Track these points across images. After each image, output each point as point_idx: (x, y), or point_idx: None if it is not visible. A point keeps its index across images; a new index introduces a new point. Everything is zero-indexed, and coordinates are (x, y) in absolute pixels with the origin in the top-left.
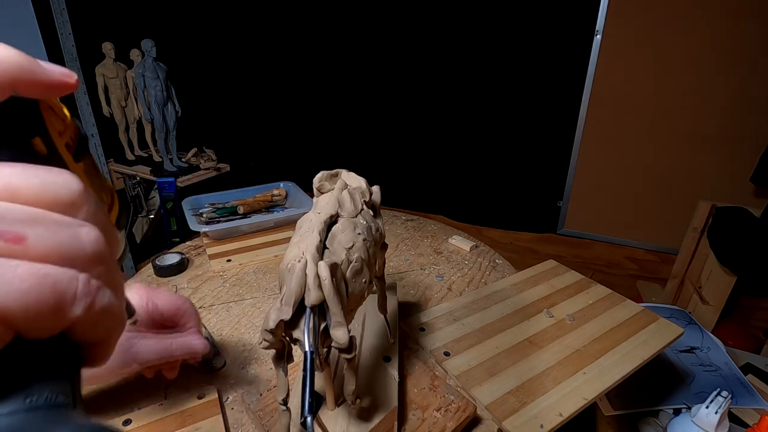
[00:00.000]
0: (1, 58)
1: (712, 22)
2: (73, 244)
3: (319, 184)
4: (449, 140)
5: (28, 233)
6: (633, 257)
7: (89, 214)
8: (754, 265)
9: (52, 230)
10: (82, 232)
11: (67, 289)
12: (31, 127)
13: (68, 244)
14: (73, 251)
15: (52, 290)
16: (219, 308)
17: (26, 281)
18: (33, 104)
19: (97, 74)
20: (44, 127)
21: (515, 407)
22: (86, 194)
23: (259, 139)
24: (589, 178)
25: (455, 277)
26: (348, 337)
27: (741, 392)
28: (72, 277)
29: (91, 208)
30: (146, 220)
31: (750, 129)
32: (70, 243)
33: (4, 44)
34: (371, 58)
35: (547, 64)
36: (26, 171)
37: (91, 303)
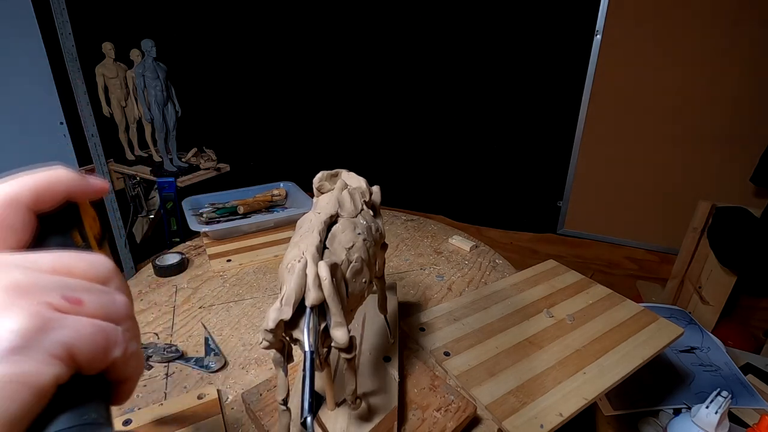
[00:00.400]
0: (63, 176)
1: (712, 22)
2: (112, 306)
3: (319, 184)
4: (449, 140)
5: (84, 298)
6: (633, 257)
7: (119, 284)
8: (754, 265)
9: (98, 296)
10: (117, 298)
11: (112, 337)
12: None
13: (109, 306)
14: (113, 311)
15: (104, 338)
16: (219, 308)
17: (89, 331)
18: (75, 207)
19: (97, 74)
20: (81, 223)
21: (515, 407)
22: (116, 271)
23: (259, 139)
24: (589, 178)
25: (455, 277)
26: (348, 337)
27: (741, 392)
28: (114, 329)
29: (119, 281)
30: (146, 220)
31: (750, 129)
32: (110, 305)
33: (62, 166)
34: (371, 59)
35: (547, 64)
36: (78, 255)
37: (125, 347)
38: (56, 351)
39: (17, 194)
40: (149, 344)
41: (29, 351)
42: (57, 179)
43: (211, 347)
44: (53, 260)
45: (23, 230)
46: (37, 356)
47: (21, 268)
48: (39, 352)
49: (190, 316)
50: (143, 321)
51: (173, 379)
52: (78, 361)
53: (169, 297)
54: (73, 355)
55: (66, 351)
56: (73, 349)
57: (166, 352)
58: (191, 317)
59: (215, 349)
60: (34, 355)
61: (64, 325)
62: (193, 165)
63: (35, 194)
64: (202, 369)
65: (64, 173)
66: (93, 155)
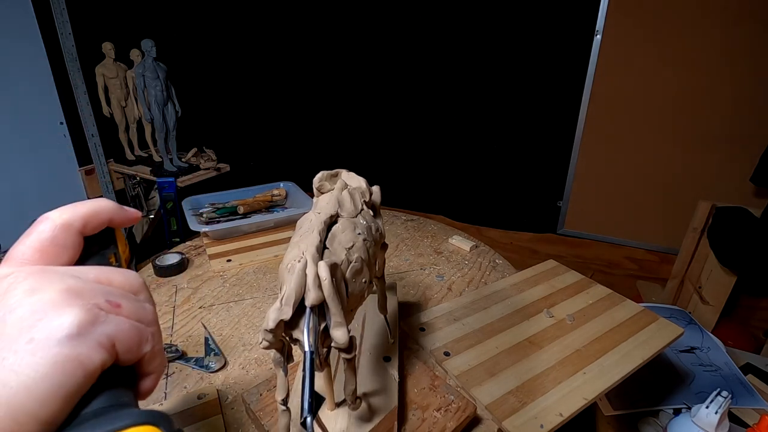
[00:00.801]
0: (106, 206)
1: (712, 22)
2: (142, 311)
3: (319, 184)
4: (449, 140)
5: (122, 302)
6: (633, 257)
7: (147, 295)
8: (754, 265)
9: (133, 303)
10: (147, 305)
11: (144, 335)
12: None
13: (141, 311)
14: (143, 315)
15: (138, 334)
16: (219, 308)
17: (127, 327)
18: (111, 232)
19: (97, 74)
20: (116, 246)
21: (515, 407)
22: (145, 285)
23: (259, 139)
24: (589, 178)
25: (455, 277)
26: (348, 337)
27: (741, 392)
28: (145, 329)
29: (147, 293)
30: (146, 220)
31: (750, 129)
32: (141, 311)
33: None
34: (371, 59)
35: (547, 64)
36: (116, 270)
37: (153, 345)
38: (103, 340)
39: (71, 220)
40: None
41: (83, 338)
42: (102, 208)
43: (211, 347)
44: (97, 273)
45: (73, 249)
46: (89, 343)
47: (74, 277)
48: (90, 339)
49: (190, 316)
50: None
51: (173, 379)
52: (118, 351)
53: (169, 297)
54: (115, 346)
55: (110, 341)
56: (115, 340)
57: (166, 352)
58: (191, 317)
59: (215, 349)
60: (86, 342)
61: (108, 321)
62: (193, 165)
63: (84, 220)
64: (202, 369)
65: (106, 203)
66: (93, 155)
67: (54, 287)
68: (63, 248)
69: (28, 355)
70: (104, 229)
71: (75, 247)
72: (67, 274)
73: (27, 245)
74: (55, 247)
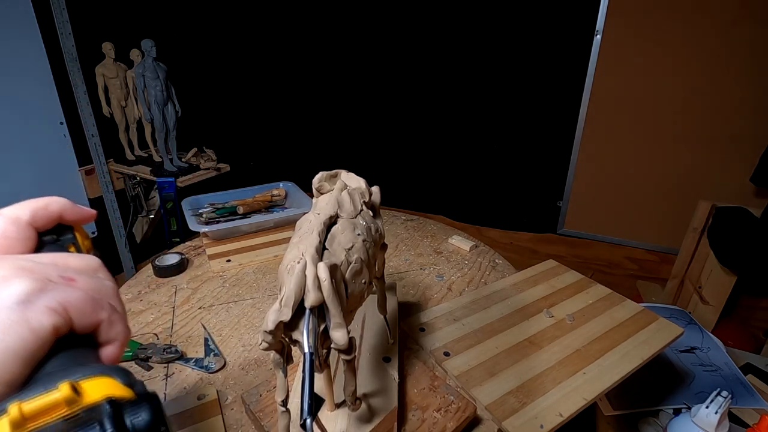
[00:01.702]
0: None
1: (711, 22)
2: (100, 286)
3: (319, 185)
4: (449, 140)
5: (77, 278)
6: (633, 257)
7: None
8: (754, 265)
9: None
10: (106, 282)
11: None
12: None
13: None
14: (101, 289)
15: (92, 302)
16: (219, 308)
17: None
18: (70, 228)
19: (97, 74)
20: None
21: (515, 407)
22: (103, 266)
23: (259, 139)
24: (589, 178)
25: (455, 277)
26: (347, 338)
27: (741, 392)
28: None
29: (107, 272)
30: (146, 220)
31: (750, 129)
32: (99, 285)
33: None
34: (371, 59)
35: (547, 64)
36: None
37: (110, 313)
38: (53, 305)
39: (19, 213)
40: (149, 345)
41: (31, 304)
42: (50, 202)
43: (211, 348)
44: (52, 257)
45: (26, 241)
46: (38, 308)
47: (26, 260)
48: (39, 305)
49: (190, 317)
50: (143, 321)
51: (173, 379)
52: (72, 317)
53: (169, 297)
54: (67, 310)
55: (60, 306)
56: (66, 305)
57: (165, 352)
58: (191, 318)
59: (215, 350)
60: (35, 306)
61: (59, 289)
62: (193, 165)
63: (33, 213)
64: (202, 370)
65: (57, 199)
66: (93, 155)
67: (5, 266)
68: (15, 240)
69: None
70: (63, 225)
71: (27, 239)
72: (20, 257)
73: None
74: (6, 239)
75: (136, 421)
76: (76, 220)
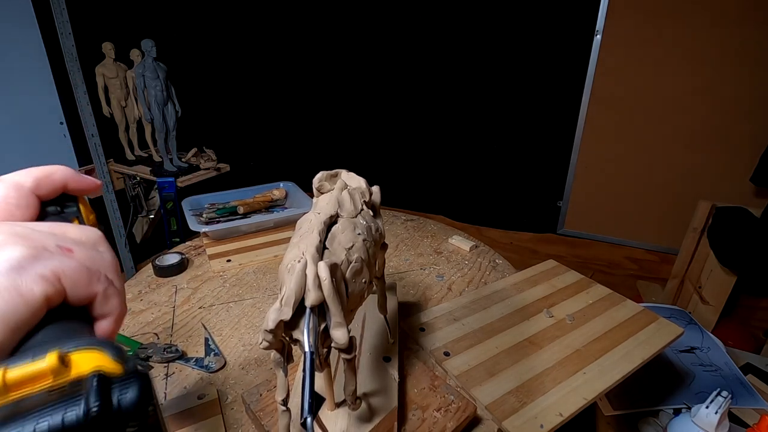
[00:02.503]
0: (59, 169)
1: (712, 22)
2: (98, 257)
3: (319, 185)
4: (449, 140)
5: (74, 248)
6: (633, 257)
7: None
8: (754, 265)
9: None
10: (104, 252)
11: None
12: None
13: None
14: (99, 261)
15: (88, 272)
16: (219, 308)
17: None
18: (74, 199)
19: (97, 74)
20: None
21: (515, 407)
22: (103, 238)
23: (259, 139)
24: (589, 178)
25: (455, 277)
26: (348, 337)
27: (741, 392)
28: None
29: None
30: (146, 220)
31: (750, 129)
32: (97, 257)
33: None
34: (371, 59)
35: (547, 64)
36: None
37: (107, 285)
38: (45, 274)
39: (22, 180)
40: (149, 344)
41: (24, 271)
42: (54, 170)
43: (211, 347)
44: (51, 226)
45: (27, 208)
46: (30, 275)
47: (22, 226)
48: (32, 272)
49: (190, 317)
50: (143, 321)
51: (173, 379)
52: (65, 287)
53: (169, 297)
54: (60, 279)
55: (54, 275)
56: (60, 274)
57: (166, 352)
58: (191, 317)
59: (215, 350)
60: (28, 274)
61: (54, 258)
62: (193, 165)
63: (36, 180)
64: (202, 369)
65: (61, 167)
66: (93, 155)
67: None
68: (15, 207)
69: None
70: (67, 195)
71: (29, 207)
72: (17, 224)
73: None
74: (7, 205)
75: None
76: (81, 190)
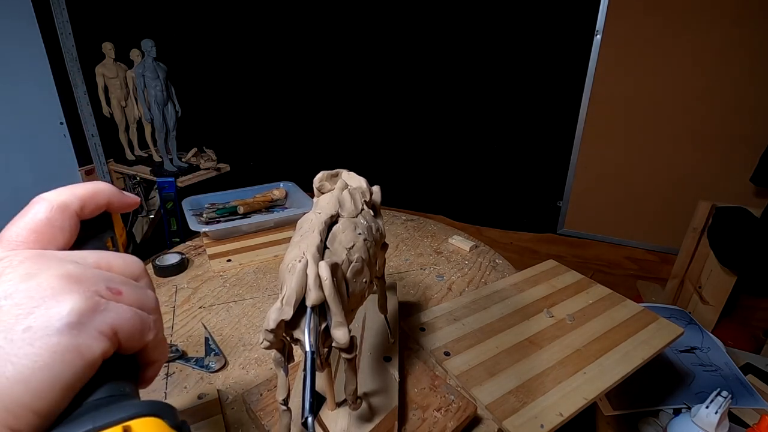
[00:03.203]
0: (104, 189)
1: (711, 22)
2: (144, 298)
3: (320, 184)
4: (449, 140)
5: (123, 289)
6: (633, 257)
7: (148, 281)
8: (754, 265)
9: (134, 289)
10: (148, 292)
11: (147, 323)
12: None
13: (143, 298)
14: (145, 302)
15: (141, 322)
16: (219, 308)
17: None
18: (109, 216)
19: (97, 74)
20: (113, 231)
21: (515, 407)
22: (146, 270)
23: (259, 139)
24: (589, 178)
25: (455, 277)
26: (348, 337)
27: (741, 392)
28: (147, 316)
29: (148, 279)
30: (146, 220)
31: (750, 129)
32: (143, 297)
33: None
34: (371, 59)
35: (547, 64)
36: (116, 255)
37: (156, 333)
38: (104, 329)
39: (68, 201)
40: None
41: (84, 327)
42: (100, 191)
43: (211, 347)
44: (97, 257)
45: (69, 232)
46: (89, 332)
47: (72, 263)
48: (91, 328)
49: (190, 316)
50: None
51: (173, 379)
52: (120, 339)
53: (169, 297)
54: (117, 334)
55: (112, 330)
56: (117, 328)
57: None
58: (191, 317)
59: (215, 349)
60: (87, 331)
61: (110, 309)
62: (193, 165)
63: (82, 202)
64: (203, 369)
65: (105, 186)
66: (93, 155)
67: (52, 272)
68: (59, 230)
69: (26, 344)
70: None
71: (71, 229)
72: (66, 258)
73: (21, 226)
74: (51, 228)
75: None
76: (123, 208)
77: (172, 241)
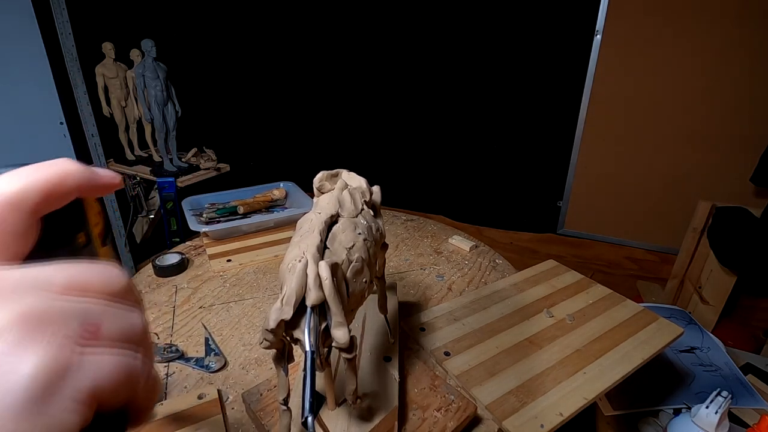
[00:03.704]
0: (72, 172)
1: (712, 22)
2: (130, 329)
3: (320, 184)
4: (449, 140)
5: (102, 322)
6: (633, 257)
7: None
8: (754, 265)
9: (116, 317)
10: (134, 317)
11: (134, 370)
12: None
13: (128, 329)
14: (131, 334)
15: (127, 373)
16: (219, 308)
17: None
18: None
19: (97, 74)
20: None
21: (515, 407)
22: (130, 283)
23: (259, 139)
24: (589, 178)
25: (455, 277)
26: (349, 336)
27: (741, 392)
28: (134, 359)
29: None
30: (146, 220)
31: (750, 129)
32: (128, 329)
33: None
34: (371, 59)
35: (547, 64)
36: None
37: (147, 375)
38: (81, 397)
39: (22, 196)
40: None
41: (52, 399)
42: (66, 176)
43: (211, 347)
44: (67, 276)
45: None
46: (61, 405)
47: (35, 291)
48: (63, 400)
49: (190, 316)
50: None
51: (173, 379)
52: (101, 401)
53: (169, 297)
54: (97, 397)
55: (90, 395)
56: (97, 391)
57: (166, 352)
58: (191, 317)
59: (215, 349)
60: (57, 404)
61: (86, 366)
62: (193, 165)
63: (43, 196)
64: (203, 369)
65: (72, 168)
66: (93, 155)
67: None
68: (11, 236)
69: None
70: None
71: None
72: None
73: None
74: (3, 235)
75: None
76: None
77: (172, 241)
